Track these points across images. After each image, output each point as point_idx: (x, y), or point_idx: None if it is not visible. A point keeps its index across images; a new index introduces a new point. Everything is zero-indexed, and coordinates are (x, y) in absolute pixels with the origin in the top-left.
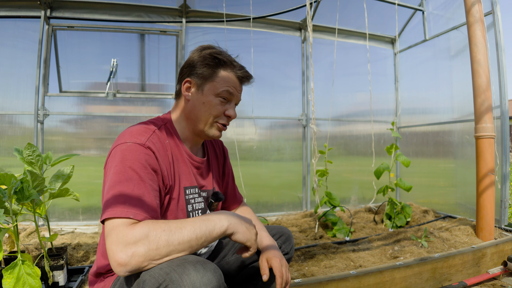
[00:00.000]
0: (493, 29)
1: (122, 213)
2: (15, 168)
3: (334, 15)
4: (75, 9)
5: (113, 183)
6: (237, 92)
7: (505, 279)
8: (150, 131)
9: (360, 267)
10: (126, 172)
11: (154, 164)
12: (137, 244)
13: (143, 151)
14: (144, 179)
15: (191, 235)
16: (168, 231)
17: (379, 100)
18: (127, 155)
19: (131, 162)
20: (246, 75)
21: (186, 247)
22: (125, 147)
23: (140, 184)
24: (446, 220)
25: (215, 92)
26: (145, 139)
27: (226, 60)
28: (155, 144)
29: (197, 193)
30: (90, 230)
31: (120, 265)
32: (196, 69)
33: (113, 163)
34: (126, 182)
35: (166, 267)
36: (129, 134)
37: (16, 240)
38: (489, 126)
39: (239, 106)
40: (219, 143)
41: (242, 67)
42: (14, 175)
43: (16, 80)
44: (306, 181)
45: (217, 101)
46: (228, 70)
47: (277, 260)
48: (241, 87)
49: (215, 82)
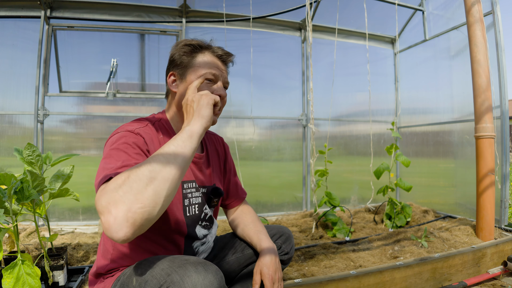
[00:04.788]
0: (493, 29)
1: (104, 178)
2: (15, 168)
3: (334, 15)
4: (75, 9)
5: (101, 163)
6: (221, 71)
7: (505, 279)
8: (143, 124)
9: (360, 267)
10: (113, 151)
11: (143, 146)
12: (117, 189)
13: (132, 136)
14: (131, 154)
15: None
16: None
17: (379, 100)
18: (116, 141)
19: (119, 144)
20: (225, 52)
21: (166, 172)
22: (116, 136)
23: (126, 157)
24: (446, 220)
25: (198, 75)
26: (135, 128)
27: (201, 44)
28: (147, 133)
29: (194, 188)
30: (90, 230)
31: (110, 230)
32: (176, 61)
33: (104, 151)
34: (111, 157)
35: (168, 268)
36: (121, 127)
37: (16, 240)
38: (489, 126)
39: (239, 106)
40: (219, 139)
41: (219, 47)
42: (14, 175)
43: (16, 80)
44: (306, 181)
45: (202, 84)
46: (205, 53)
47: (269, 279)
48: (224, 66)
49: (195, 67)
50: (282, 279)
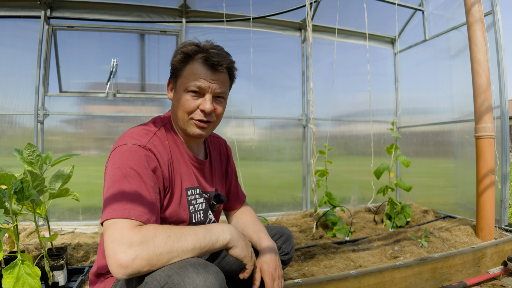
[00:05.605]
0: (493, 29)
1: (124, 214)
2: (15, 168)
3: (334, 15)
4: (75, 9)
5: (113, 182)
6: (209, 82)
7: (505, 279)
8: (151, 133)
9: (360, 267)
10: (127, 172)
11: (155, 166)
12: (141, 246)
13: (144, 152)
14: (145, 179)
15: (195, 244)
16: (173, 237)
17: (379, 100)
18: (128, 156)
19: (132, 162)
20: (215, 60)
21: (189, 255)
22: (126, 149)
23: (141, 184)
24: (446, 220)
25: (184, 88)
26: (146, 141)
27: (193, 52)
28: (156, 146)
29: (198, 194)
30: (90, 230)
31: (120, 267)
32: (172, 68)
33: (114, 164)
34: (127, 182)
35: (168, 269)
36: (129, 136)
37: (16, 240)
38: (489, 126)
39: (239, 106)
40: (222, 142)
41: (216, 53)
42: (14, 175)
43: (16, 80)
44: (306, 181)
45: (188, 97)
46: (194, 62)
47: (269, 276)
48: (217, 75)
49: (183, 78)
50: (282, 277)
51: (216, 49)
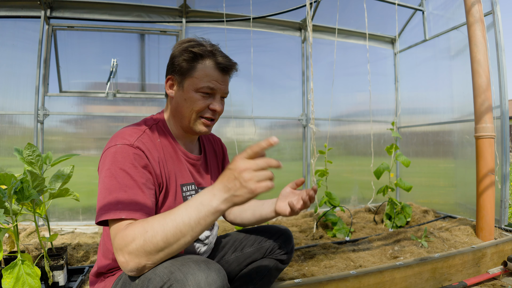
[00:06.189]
0: (493, 29)
1: (115, 215)
2: (15, 168)
3: (334, 15)
4: (75, 9)
5: (105, 185)
6: (220, 84)
7: (505, 279)
8: (140, 131)
9: (360, 267)
10: (117, 174)
11: (144, 163)
12: (132, 243)
13: (132, 151)
14: (136, 178)
15: (184, 222)
16: (162, 222)
17: (379, 100)
18: (117, 157)
19: (121, 163)
20: (227, 64)
21: (181, 239)
22: (114, 150)
23: (132, 184)
24: (446, 220)
25: (195, 88)
26: (134, 140)
27: (203, 53)
28: (145, 143)
29: (194, 190)
30: (90, 230)
31: (122, 267)
32: (175, 65)
33: (104, 166)
34: (117, 184)
35: (170, 266)
36: (119, 136)
37: (16, 240)
38: (489, 126)
39: (239, 106)
40: (217, 140)
41: (224, 56)
42: (14, 175)
43: (16, 80)
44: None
45: (198, 97)
46: (206, 63)
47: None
48: (225, 77)
49: (194, 78)
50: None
51: (221, 52)
